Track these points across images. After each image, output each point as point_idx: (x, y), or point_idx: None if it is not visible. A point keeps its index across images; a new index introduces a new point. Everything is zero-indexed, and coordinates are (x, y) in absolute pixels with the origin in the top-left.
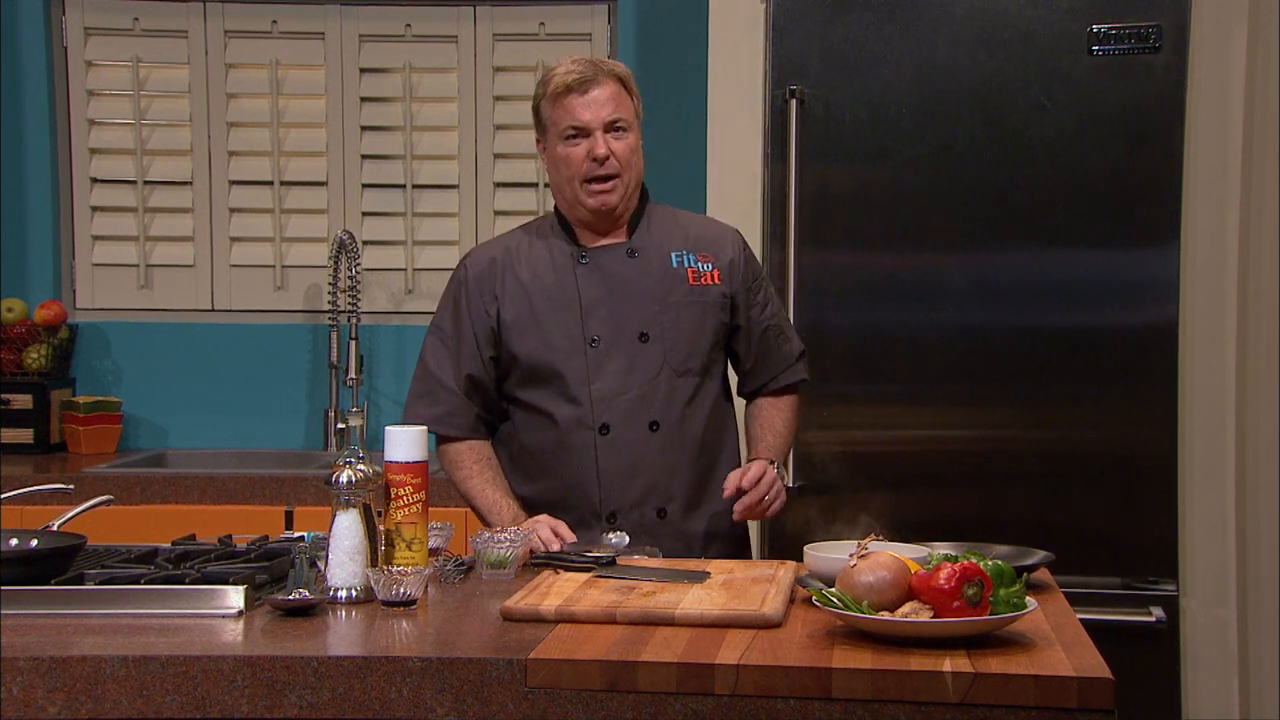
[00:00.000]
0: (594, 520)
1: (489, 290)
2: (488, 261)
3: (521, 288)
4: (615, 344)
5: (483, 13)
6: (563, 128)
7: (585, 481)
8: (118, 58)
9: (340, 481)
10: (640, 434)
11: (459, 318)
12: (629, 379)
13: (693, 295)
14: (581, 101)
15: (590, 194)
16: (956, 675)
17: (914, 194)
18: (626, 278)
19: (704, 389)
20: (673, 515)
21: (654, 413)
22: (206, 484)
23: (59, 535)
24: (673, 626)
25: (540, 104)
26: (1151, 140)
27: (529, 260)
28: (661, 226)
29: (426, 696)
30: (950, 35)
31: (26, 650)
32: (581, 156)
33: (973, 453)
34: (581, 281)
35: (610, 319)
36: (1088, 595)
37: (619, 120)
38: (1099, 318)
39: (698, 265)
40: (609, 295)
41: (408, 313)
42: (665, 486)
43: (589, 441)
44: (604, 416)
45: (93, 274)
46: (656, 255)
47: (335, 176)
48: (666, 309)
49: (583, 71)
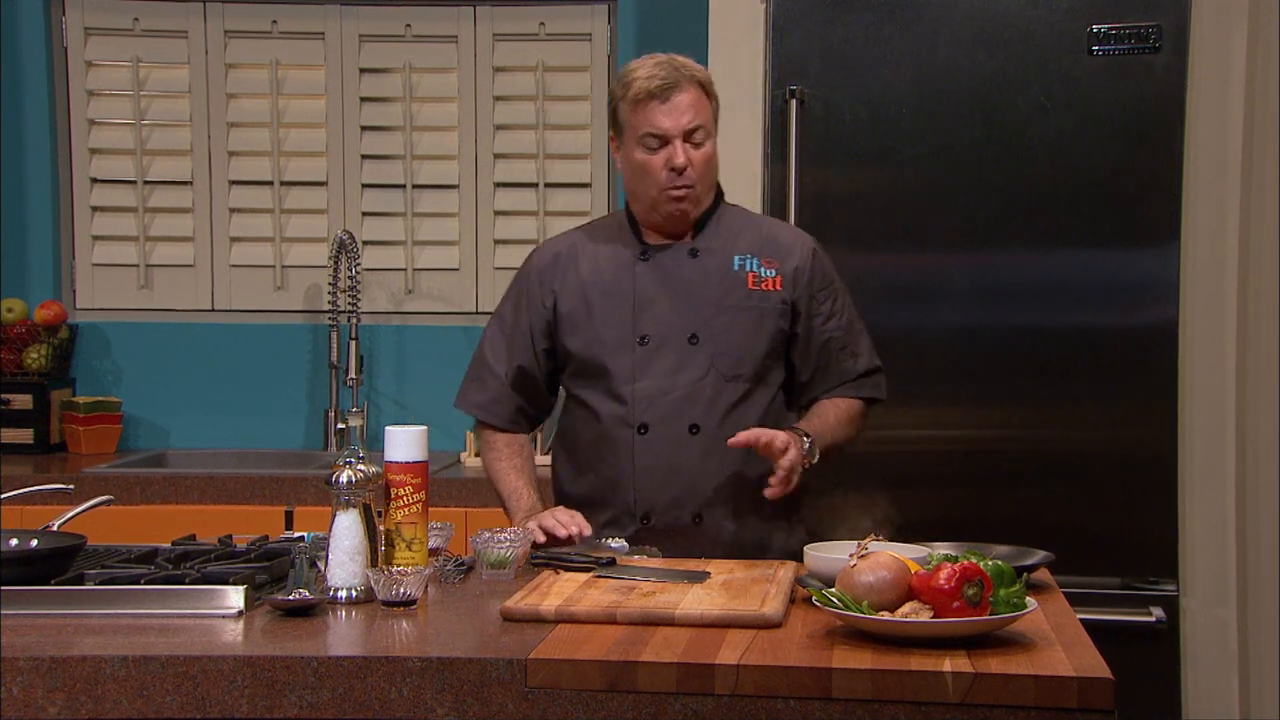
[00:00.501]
0: (629, 520)
1: (549, 283)
2: (552, 255)
3: (580, 282)
4: (664, 344)
5: (483, 13)
6: (641, 134)
7: (622, 480)
8: (118, 58)
9: (340, 481)
10: (679, 436)
11: (518, 309)
12: (674, 380)
13: (750, 300)
14: (663, 109)
15: (668, 201)
16: (956, 675)
17: (914, 194)
18: (684, 278)
19: (754, 396)
20: (709, 522)
21: (695, 415)
22: (206, 484)
23: (59, 535)
24: (673, 626)
25: (619, 105)
26: (1151, 140)
27: (592, 255)
28: (731, 228)
29: (426, 696)
30: (950, 35)
31: (26, 650)
32: (660, 165)
33: (973, 453)
34: (639, 279)
35: (662, 318)
36: (1088, 595)
37: (699, 128)
38: (1099, 318)
39: (760, 270)
40: (664, 294)
41: (408, 313)
42: (702, 491)
43: (628, 439)
44: (644, 416)
45: (93, 274)
46: (719, 257)
47: (335, 176)
48: (721, 312)
49: (665, 76)
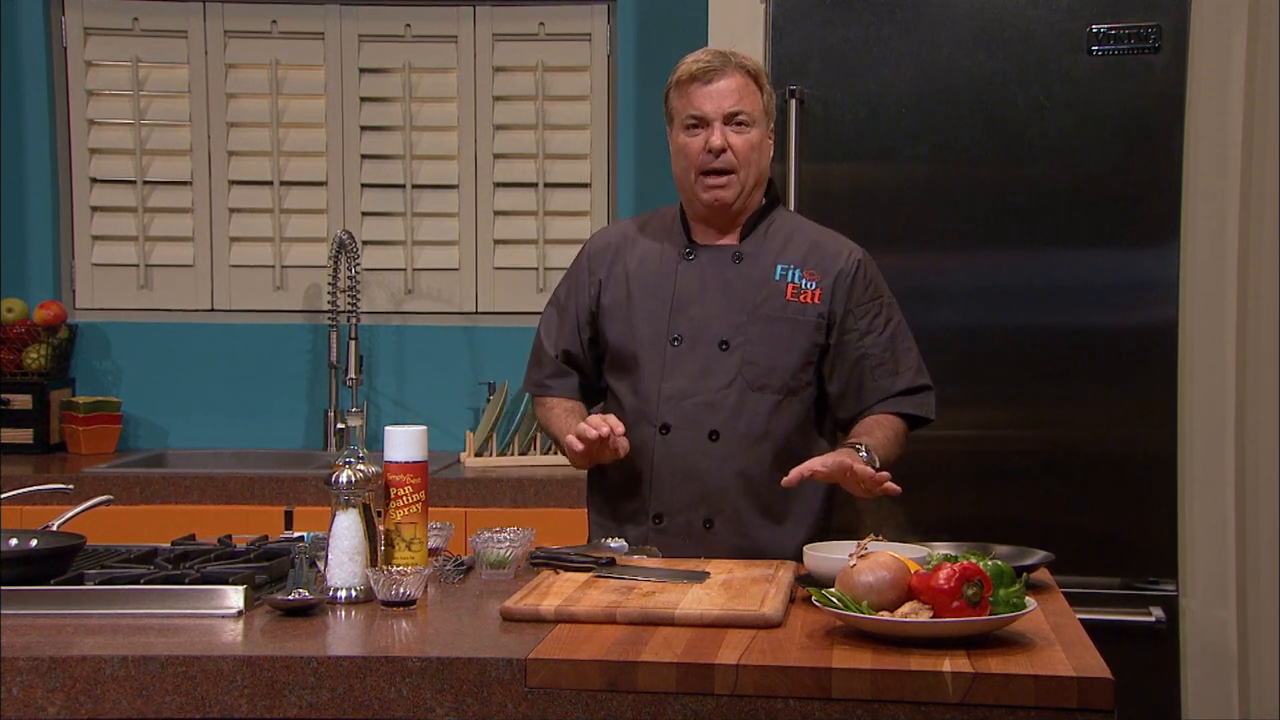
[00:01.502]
0: (642, 518)
1: (597, 271)
2: (604, 244)
3: (625, 275)
4: (695, 346)
5: (482, 13)
6: (684, 116)
7: (640, 478)
8: (118, 58)
9: (340, 481)
10: (698, 440)
11: (570, 294)
12: (700, 383)
13: (786, 311)
14: (704, 91)
15: (705, 188)
16: (956, 675)
17: (914, 194)
18: (724, 281)
19: (783, 408)
20: (720, 528)
21: (716, 422)
22: (206, 484)
23: (59, 535)
24: (672, 626)
25: (669, 93)
26: (1151, 140)
27: (642, 248)
28: (779, 234)
29: (426, 696)
30: (950, 35)
31: (26, 650)
32: (699, 148)
33: (972, 453)
34: (680, 278)
35: (696, 320)
36: (1088, 595)
37: (741, 114)
38: (1099, 318)
39: (801, 281)
40: (702, 296)
41: (407, 313)
42: (716, 498)
43: (650, 437)
44: (667, 416)
45: (92, 274)
46: (762, 263)
47: (335, 176)
48: (754, 320)
49: (709, 61)
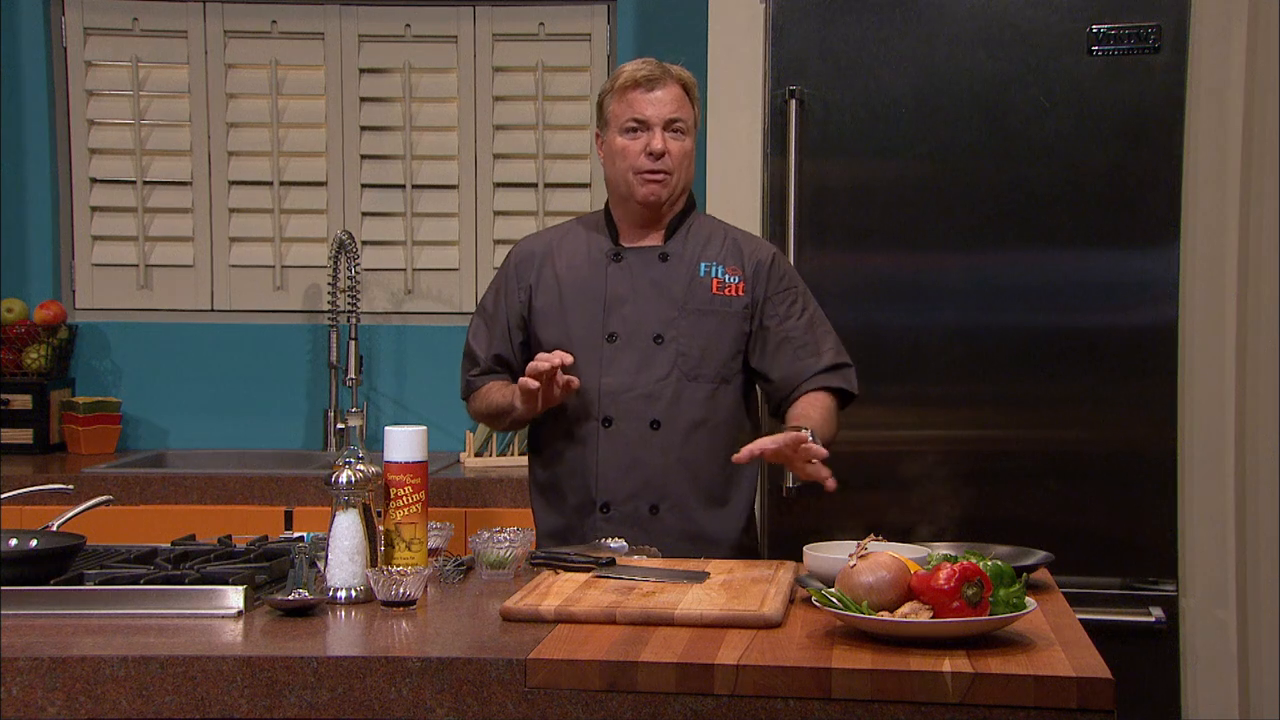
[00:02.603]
0: (589, 508)
1: (526, 278)
2: (529, 253)
3: (556, 279)
4: (631, 342)
5: (482, 13)
6: (625, 120)
7: (585, 470)
8: (117, 58)
9: (340, 481)
10: (641, 431)
11: (498, 301)
12: (638, 377)
13: (714, 304)
14: (646, 98)
15: (642, 183)
16: (956, 675)
17: (914, 194)
18: (652, 280)
19: (718, 396)
20: (665, 513)
21: (657, 412)
22: (206, 484)
23: (59, 535)
24: (672, 627)
25: (605, 98)
26: (1151, 140)
27: (568, 253)
28: (699, 236)
29: (426, 696)
30: (950, 35)
31: (26, 650)
32: (639, 149)
33: (973, 453)
34: (610, 279)
35: (630, 318)
36: (1088, 595)
37: (678, 121)
38: (1099, 318)
39: (724, 276)
40: (633, 294)
41: (407, 313)
42: (660, 484)
43: (593, 431)
44: (608, 410)
45: (92, 274)
46: (686, 262)
47: (335, 176)
48: (685, 314)
49: (651, 71)
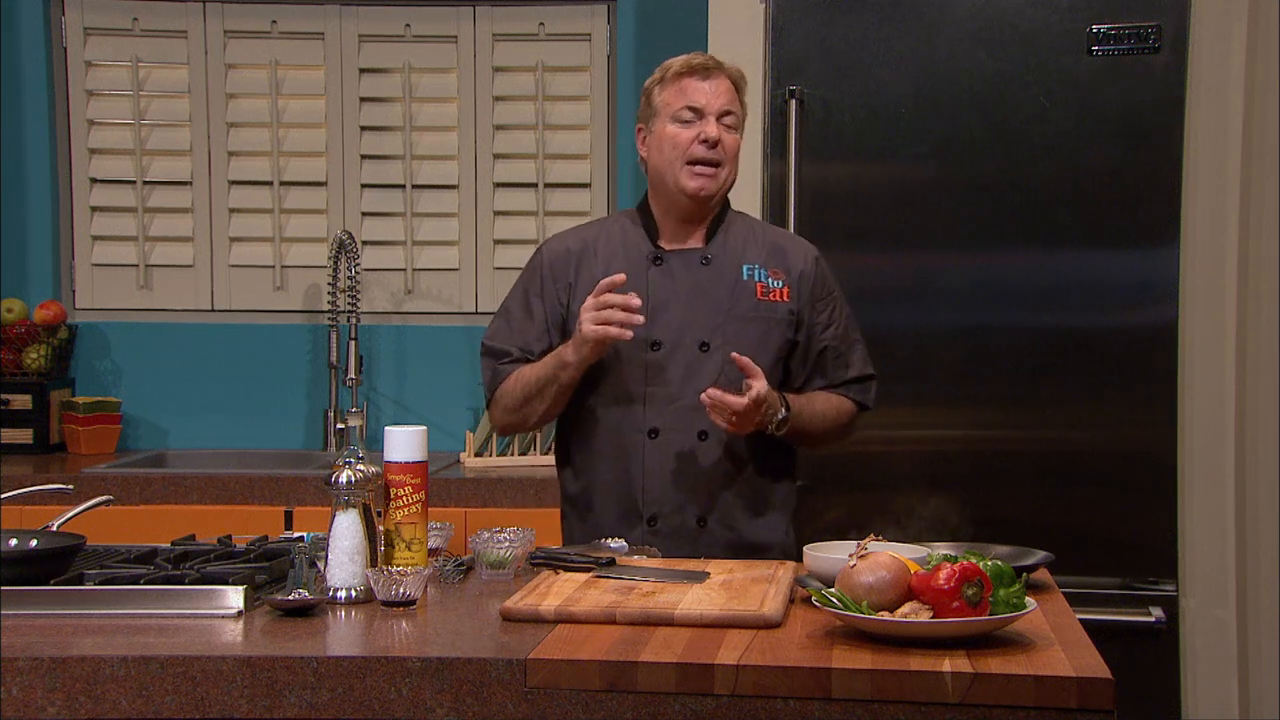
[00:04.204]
0: (635, 520)
1: (564, 277)
2: (564, 250)
3: (594, 282)
4: (676, 350)
5: (482, 13)
6: (677, 108)
7: (631, 482)
8: (117, 58)
9: (340, 481)
10: (689, 441)
11: (529, 301)
12: (685, 386)
13: (759, 310)
14: (701, 86)
15: (692, 176)
16: (956, 675)
17: (914, 194)
18: (697, 285)
19: None
20: (712, 524)
21: (705, 422)
22: (206, 484)
23: (59, 535)
24: (672, 627)
25: (653, 88)
26: (1151, 140)
27: (605, 255)
28: (739, 236)
29: (426, 696)
30: (950, 35)
31: (26, 650)
32: (690, 138)
33: (973, 453)
34: (652, 283)
35: (674, 324)
36: (1088, 595)
37: (730, 115)
38: (1099, 318)
39: (768, 280)
40: (676, 300)
41: (407, 313)
42: (708, 496)
43: (638, 443)
44: (654, 420)
45: (92, 274)
46: (730, 265)
47: (335, 176)
48: (730, 321)
49: (705, 60)
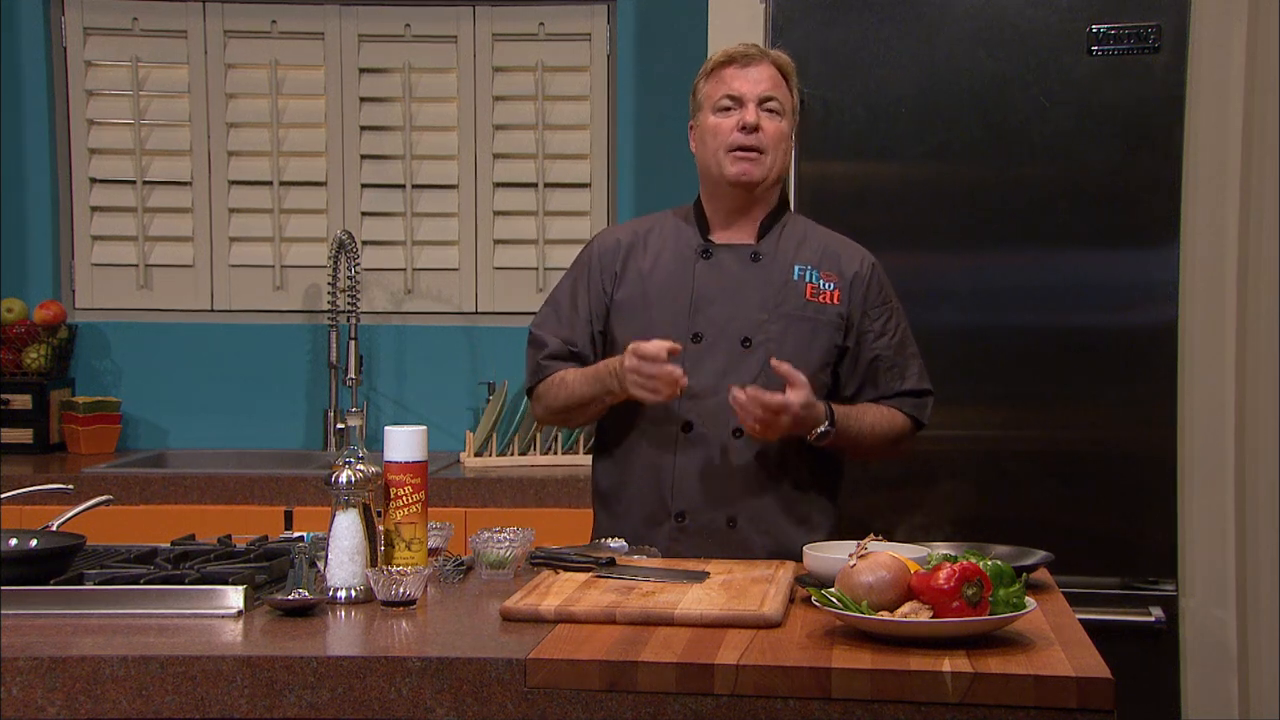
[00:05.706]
0: (664, 517)
1: (610, 268)
2: (614, 242)
3: (640, 273)
4: (717, 344)
5: (482, 13)
6: (717, 98)
7: (660, 477)
8: (117, 58)
9: (340, 481)
10: (723, 438)
11: (576, 291)
12: (723, 381)
13: (806, 310)
14: (739, 74)
15: (733, 161)
16: (956, 675)
17: (914, 194)
18: (744, 280)
19: None
20: (743, 526)
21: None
22: (206, 484)
23: (59, 535)
24: (672, 626)
25: (698, 82)
26: (1151, 140)
27: (654, 247)
28: (793, 236)
29: (426, 696)
30: (950, 35)
31: (26, 650)
32: (731, 126)
33: (973, 453)
34: (698, 276)
35: (717, 318)
36: (1088, 595)
37: (774, 99)
38: (1099, 318)
39: (819, 282)
40: (722, 294)
41: (407, 313)
42: (740, 496)
43: (671, 436)
44: (689, 414)
45: (92, 274)
46: (779, 263)
47: (335, 176)
48: (776, 319)
49: (745, 49)
